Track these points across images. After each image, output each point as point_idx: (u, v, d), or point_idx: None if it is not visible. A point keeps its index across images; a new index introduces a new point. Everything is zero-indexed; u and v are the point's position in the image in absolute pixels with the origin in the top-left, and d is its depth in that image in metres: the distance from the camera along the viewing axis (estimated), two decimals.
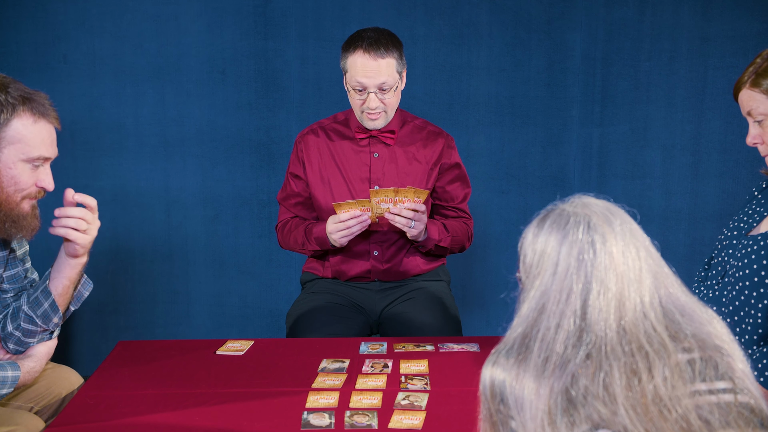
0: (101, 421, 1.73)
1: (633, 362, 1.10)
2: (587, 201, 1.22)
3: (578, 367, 1.11)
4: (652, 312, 1.14)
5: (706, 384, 1.12)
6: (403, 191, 2.31)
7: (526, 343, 1.17)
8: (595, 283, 1.14)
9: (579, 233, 1.17)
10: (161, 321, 3.52)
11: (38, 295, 1.91)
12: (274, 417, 1.74)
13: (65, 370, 2.13)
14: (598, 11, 3.35)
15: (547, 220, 1.22)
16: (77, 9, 3.29)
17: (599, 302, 1.14)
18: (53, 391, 2.04)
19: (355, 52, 2.35)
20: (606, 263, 1.15)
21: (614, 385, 1.09)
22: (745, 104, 1.81)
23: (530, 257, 1.22)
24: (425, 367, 2.01)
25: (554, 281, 1.17)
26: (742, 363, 1.16)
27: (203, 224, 3.47)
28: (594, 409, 1.09)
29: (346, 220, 2.33)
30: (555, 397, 1.11)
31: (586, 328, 1.13)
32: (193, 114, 3.40)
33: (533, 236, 1.23)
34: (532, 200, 3.46)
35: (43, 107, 1.80)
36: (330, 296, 2.54)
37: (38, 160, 1.82)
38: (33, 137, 1.79)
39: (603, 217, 1.18)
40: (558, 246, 1.18)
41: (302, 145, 2.57)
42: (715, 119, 3.41)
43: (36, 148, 1.81)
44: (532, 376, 1.14)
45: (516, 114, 3.43)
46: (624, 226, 1.19)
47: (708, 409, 1.10)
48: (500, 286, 3.56)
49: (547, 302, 1.17)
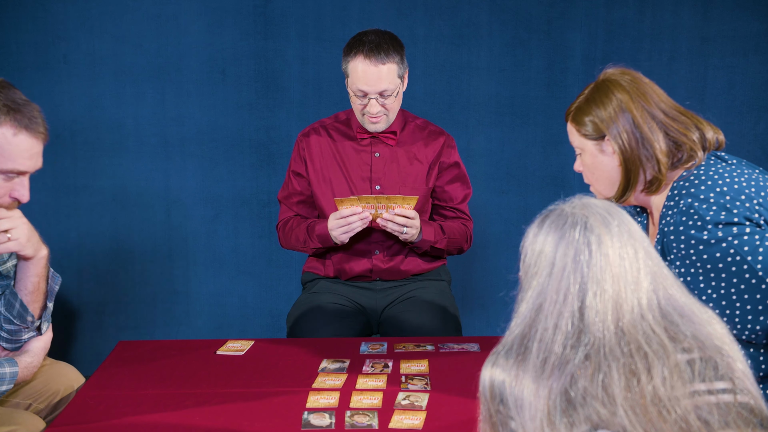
0: (101, 421, 1.73)
1: (632, 363, 1.10)
2: (587, 202, 1.23)
3: (577, 368, 1.12)
4: (650, 314, 1.15)
5: (705, 384, 1.12)
6: (393, 198, 2.31)
7: (525, 344, 1.18)
8: (591, 285, 1.15)
9: (575, 234, 1.17)
10: (161, 321, 3.52)
11: (9, 297, 1.90)
12: (275, 417, 1.74)
13: (64, 366, 2.13)
14: (598, 11, 3.35)
15: (547, 220, 1.23)
16: (77, 9, 3.29)
17: (596, 303, 1.14)
18: (51, 387, 2.04)
19: (356, 57, 2.35)
20: (602, 265, 1.15)
21: (613, 386, 1.09)
22: (569, 136, 1.89)
23: (529, 256, 1.23)
24: (425, 367, 2.01)
25: (551, 281, 1.17)
26: (741, 363, 1.17)
27: (203, 224, 3.47)
28: (593, 410, 1.10)
29: (346, 216, 2.33)
30: (554, 398, 1.11)
31: (585, 329, 1.13)
32: (193, 114, 3.39)
33: (533, 236, 1.23)
34: (532, 200, 3.46)
35: (28, 120, 1.76)
36: (330, 296, 2.54)
37: (11, 172, 1.77)
38: (11, 149, 1.75)
39: (600, 218, 1.19)
40: (555, 246, 1.19)
41: (304, 143, 2.57)
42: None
43: (11, 160, 1.76)
44: (531, 376, 1.14)
45: (516, 114, 3.43)
46: (622, 227, 1.19)
47: (707, 409, 1.10)
48: (500, 286, 3.54)
49: (544, 302, 1.17)
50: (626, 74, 1.82)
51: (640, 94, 1.78)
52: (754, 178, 1.75)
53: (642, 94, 1.78)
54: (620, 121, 1.76)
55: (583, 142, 1.83)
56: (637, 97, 1.78)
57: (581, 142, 1.84)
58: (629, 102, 1.77)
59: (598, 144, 1.80)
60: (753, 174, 1.77)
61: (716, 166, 1.77)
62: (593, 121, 1.79)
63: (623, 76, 1.81)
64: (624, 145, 1.76)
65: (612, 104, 1.77)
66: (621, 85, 1.79)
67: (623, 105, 1.77)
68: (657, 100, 1.79)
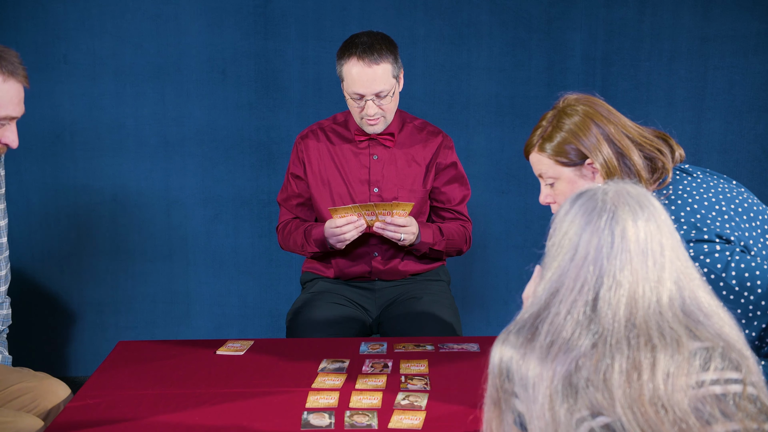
0: (101, 421, 1.73)
1: (637, 356, 1.10)
2: (622, 189, 1.20)
3: (582, 355, 1.12)
4: (670, 312, 1.13)
5: (714, 373, 1.11)
6: (385, 205, 2.32)
7: (535, 324, 1.18)
8: (608, 278, 1.14)
9: (602, 223, 1.16)
10: (161, 321, 3.52)
11: None
12: (274, 417, 1.74)
13: (53, 382, 2.05)
14: (598, 11, 3.35)
15: (580, 199, 1.21)
16: (77, 9, 3.29)
17: (609, 296, 1.14)
18: (39, 404, 1.99)
19: (350, 59, 2.35)
20: (622, 259, 1.14)
21: (613, 377, 1.10)
22: (536, 167, 1.85)
23: (556, 234, 1.21)
24: (425, 367, 2.01)
25: (571, 267, 1.17)
26: (754, 365, 1.16)
27: (203, 224, 3.47)
28: (593, 398, 1.10)
29: (342, 226, 2.34)
30: (557, 382, 1.12)
31: (595, 319, 1.14)
32: (193, 114, 3.40)
33: (564, 213, 1.22)
34: (532, 200, 3.45)
35: (12, 65, 1.80)
36: (330, 296, 2.54)
37: (5, 119, 1.82)
38: (2, 95, 1.79)
39: (630, 209, 1.17)
40: (580, 231, 1.18)
41: (302, 146, 2.57)
42: (715, 119, 3.41)
43: (3, 107, 1.81)
44: (537, 357, 1.15)
45: (516, 114, 3.43)
46: (650, 222, 1.17)
47: (708, 402, 1.10)
48: (500, 286, 3.56)
49: (561, 287, 1.17)
50: (589, 99, 1.82)
51: (610, 115, 1.78)
52: (720, 190, 1.75)
53: (611, 114, 1.78)
54: (602, 143, 1.75)
55: (560, 171, 1.80)
56: (608, 118, 1.77)
57: (557, 171, 1.80)
58: (606, 123, 1.76)
59: (578, 169, 1.79)
60: (719, 186, 1.77)
61: (683, 183, 1.76)
62: (575, 149, 1.76)
63: (588, 100, 1.81)
64: (607, 165, 1.74)
65: (590, 128, 1.75)
66: (591, 108, 1.78)
67: (601, 126, 1.75)
68: (625, 121, 1.79)
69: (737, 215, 1.72)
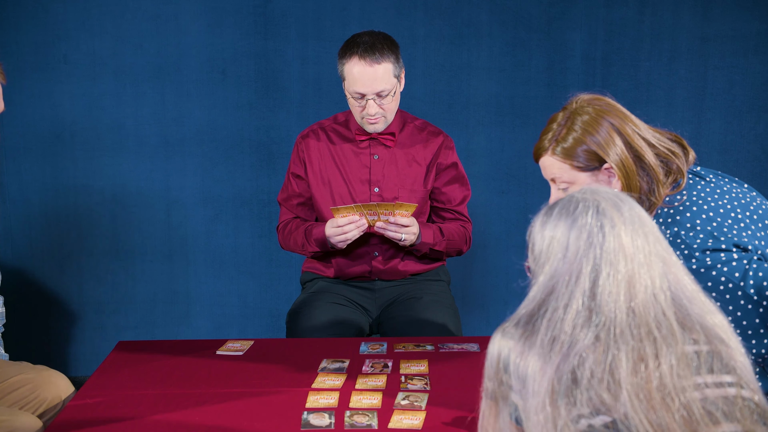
0: (101, 421, 1.73)
1: (641, 347, 1.11)
2: (595, 188, 1.24)
3: (586, 348, 1.12)
4: (662, 294, 1.16)
5: (712, 376, 1.12)
6: (387, 205, 2.31)
7: (532, 322, 1.18)
8: (605, 266, 1.16)
9: (588, 218, 1.19)
10: (161, 321, 3.52)
11: None
12: (274, 417, 1.74)
13: (54, 374, 2.06)
14: (598, 11, 3.35)
15: (556, 207, 1.24)
16: (77, 9, 3.29)
17: (609, 284, 1.15)
18: (39, 395, 1.99)
19: (351, 59, 2.35)
20: (615, 246, 1.16)
21: (620, 369, 1.10)
22: (548, 170, 1.79)
23: (539, 245, 1.23)
24: (425, 367, 2.01)
25: (564, 264, 1.19)
26: (742, 356, 1.17)
27: (203, 224, 3.47)
28: (596, 394, 1.10)
29: (343, 226, 2.34)
30: (560, 377, 1.12)
31: (596, 309, 1.14)
32: (193, 114, 3.40)
33: (541, 225, 1.24)
34: (532, 200, 3.45)
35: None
36: (330, 296, 2.54)
37: None
38: None
39: (611, 202, 1.20)
40: (567, 231, 1.20)
41: (303, 146, 2.57)
42: (715, 119, 3.41)
43: None
44: (537, 354, 1.15)
45: (516, 114, 3.43)
46: (632, 211, 1.20)
47: (713, 401, 1.10)
48: (500, 286, 3.56)
49: (557, 284, 1.18)
50: (602, 99, 1.75)
51: (625, 116, 1.72)
52: (734, 195, 1.72)
53: (626, 116, 1.73)
54: (617, 144, 1.69)
55: (575, 176, 1.74)
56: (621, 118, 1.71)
57: (572, 176, 1.74)
58: (621, 124, 1.70)
59: (594, 174, 1.73)
60: (733, 191, 1.74)
61: (697, 187, 1.72)
62: (589, 150, 1.70)
63: (600, 101, 1.74)
64: (624, 166, 1.69)
65: (603, 125, 1.70)
66: (604, 108, 1.72)
67: (616, 127, 1.70)
68: (638, 122, 1.74)
69: (753, 222, 1.68)
